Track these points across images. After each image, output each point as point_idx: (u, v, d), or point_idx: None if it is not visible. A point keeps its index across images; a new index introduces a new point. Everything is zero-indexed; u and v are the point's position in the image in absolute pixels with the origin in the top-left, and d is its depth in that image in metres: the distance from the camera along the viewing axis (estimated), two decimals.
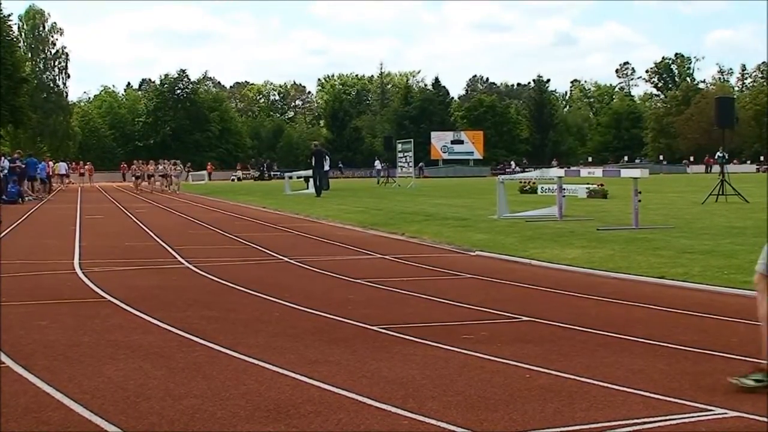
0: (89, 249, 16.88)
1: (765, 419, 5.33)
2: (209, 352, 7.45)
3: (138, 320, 9.11)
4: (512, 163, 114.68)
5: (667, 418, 5.37)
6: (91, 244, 18.10)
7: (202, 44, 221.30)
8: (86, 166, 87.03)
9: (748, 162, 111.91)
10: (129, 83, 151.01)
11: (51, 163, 62.42)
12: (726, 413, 5.47)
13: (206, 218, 27.00)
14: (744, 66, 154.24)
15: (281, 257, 15.39)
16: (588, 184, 34.39)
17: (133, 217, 28.03)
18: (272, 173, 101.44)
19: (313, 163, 42.85)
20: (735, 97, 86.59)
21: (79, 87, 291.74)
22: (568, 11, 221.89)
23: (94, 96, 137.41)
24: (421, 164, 63.35)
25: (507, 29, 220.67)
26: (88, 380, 6.42)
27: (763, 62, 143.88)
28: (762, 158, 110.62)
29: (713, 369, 6.68)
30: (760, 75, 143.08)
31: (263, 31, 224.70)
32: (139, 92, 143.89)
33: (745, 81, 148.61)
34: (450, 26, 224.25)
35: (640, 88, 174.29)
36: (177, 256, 15.63)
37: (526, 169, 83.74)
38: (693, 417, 5.40)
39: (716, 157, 78.15)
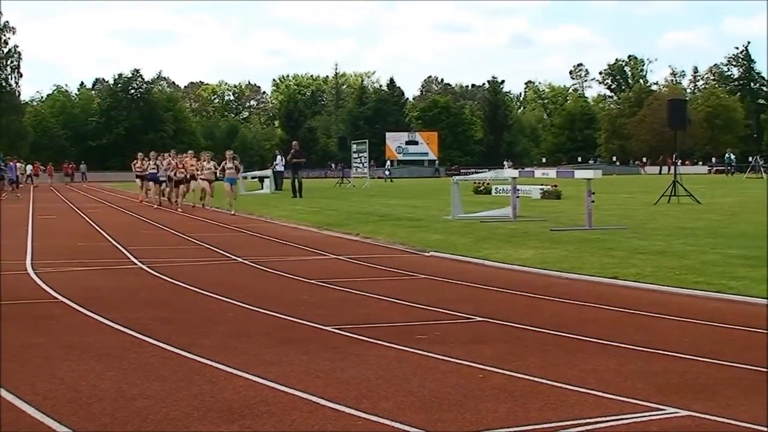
0: (41, 249, 16.76)
1: (715, 418, 5.38)
2: (162, 352, 7.42)
3: (90, 321, 9.06)
4: (504, 163, 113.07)
5: (620, 417, 5.41)
6: (44, 244, 17.98)
7: (158, 44, 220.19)
8: (48, 167, 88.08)
9: (700, 163, 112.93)
10: (82, 83, 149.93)
11: (18, 164, 63.09)
12: (677, 412, 5.52)
13: (160, 218, 26.85)
14: (696, 68, 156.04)
15: (235, 258, 15.35)
16: (542, 184, 34.55)
17: (85, 217, 27.84)
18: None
19: (297, 163, 42.46)
20: (687, 99, 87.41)
21: (32, 86, 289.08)
22: (524, 12, 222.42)
23: (47, 95, 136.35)
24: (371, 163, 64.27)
25: (463, 30, 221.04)
26: (41, 382, 6.37)
27: (715, 64, 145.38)
28: (713, 159, 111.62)
29: (665, 369, 6.73)
30: (711, 77, 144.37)
31: (219, 31, 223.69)
32: (93, 92, 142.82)
33: (697, 83, 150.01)
34: (406, 27, 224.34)
35: (593, 90, 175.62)
36: (130, 256, 15.54)
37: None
38: (645, 416, 5.44)
39: (725, 158, 79.26)
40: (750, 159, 75.61)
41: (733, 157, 78.97)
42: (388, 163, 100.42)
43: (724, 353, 7.22)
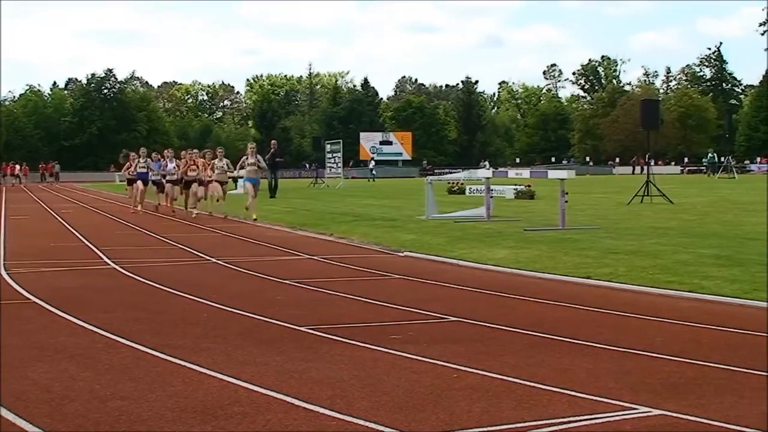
0: (14, 250, 16.67)
1: (688, 417, 5.41)
2: (135, 353, 7.40)
3: (63, 321, 9.02)
4: (486, 162, 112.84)
5: (593, 416, 5.43)
6: (16, 244, 17.88)
7: (131, 44, 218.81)
8: (22, 167, 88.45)
9: (672, 163, 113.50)
10: (55, 82, 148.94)
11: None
12: (650, 411, 5.54)
13: (132, 219, 26.75)
14: (669, 68, 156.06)
15: (208, 258, 15.31)
16: (515, 185, 34.60)
17: (58, 218, 27.71)
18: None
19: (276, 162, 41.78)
20: (660, 99, 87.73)
21: (4, 86, 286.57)
22: (496, 12, 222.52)
23: (19, 95, 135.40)
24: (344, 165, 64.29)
25: (436, 30, 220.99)
26: (13, 383, 6.34)
27: (687, 65, 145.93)
28: (686, 159, 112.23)
29: (638, 368, 6.76)
30: (684, 77, 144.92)
31: (193, 31, 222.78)
32: (66, 92, 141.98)
33: (669, 83, 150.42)
34: (380, 27, 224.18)
35: (567, 90, 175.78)
36: (103, 256, 15.48)
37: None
38: (618, 415, 5.46)
39: (707, 157, 79.53)
40: (722, 159, 75.99)
41: (716, 157, 79.18)
42: (373, 163, 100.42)
43: (697, 352, 7.25)
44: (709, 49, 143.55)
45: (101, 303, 10.31)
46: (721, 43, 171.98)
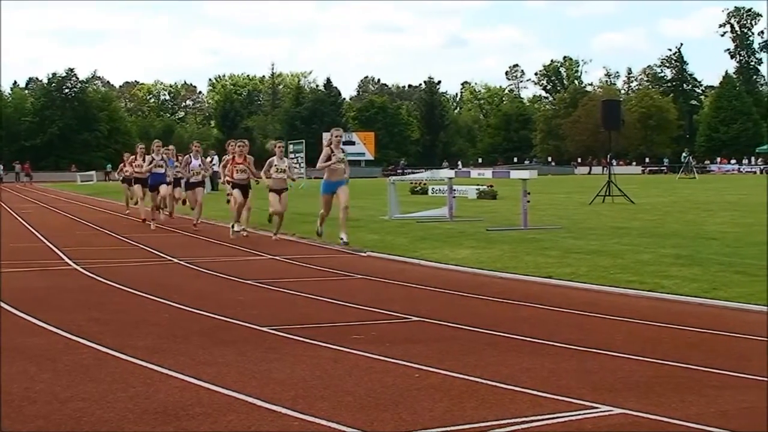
0: None
1: (649, 416, 5.44)
2: (96, 354, 7.35)
3: (23, 322, 8.95)
4: (459, 162, 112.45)
5: (554, 415, 5.45)
6: None
7: (93, 43, 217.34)
8: None
9: (633, 164, 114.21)
10: (15, 82, 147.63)
11: None
12: (611, 410, 5.57)
13: (93, 219, 26.60)
14: (630, 69, 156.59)
15: (170, 258, 15.25)
16: (478, 185, 34.67)
17: (19, 218, 27.50)
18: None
19: None
20: (621, 99, 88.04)
21: None
22: (458, 13, 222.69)
23: None
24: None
25: (399, 30, 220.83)
26: None
27: (649, 66, 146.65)
28: (647, 160, 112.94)
29: (599, 367, 6.79)
30: (645, 78, 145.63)
31: (154, 31, 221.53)
32: (26, 91, 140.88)
33: (631, 84, 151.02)
34: (342, 27, 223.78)
35: (529, 90, 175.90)
36: (64, 257, 15.39)
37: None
38: (579, 414, 5.49)
39: (682, 157, 79.74)
40: (683, 158, 76.44)
41: (690, 157, 79.32)
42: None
43: (657, 351, 7.30)
44: (670, 50, 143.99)
45: (62, 304, 10.25)
46: (681, 44, 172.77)
